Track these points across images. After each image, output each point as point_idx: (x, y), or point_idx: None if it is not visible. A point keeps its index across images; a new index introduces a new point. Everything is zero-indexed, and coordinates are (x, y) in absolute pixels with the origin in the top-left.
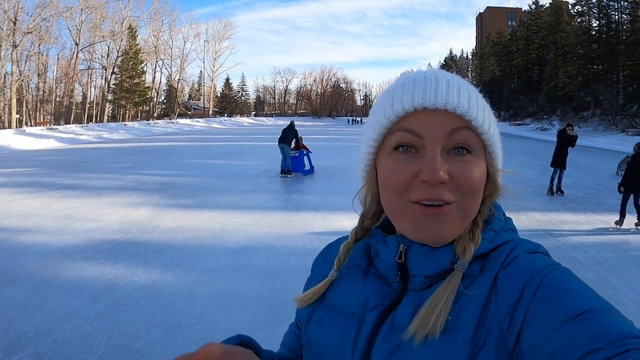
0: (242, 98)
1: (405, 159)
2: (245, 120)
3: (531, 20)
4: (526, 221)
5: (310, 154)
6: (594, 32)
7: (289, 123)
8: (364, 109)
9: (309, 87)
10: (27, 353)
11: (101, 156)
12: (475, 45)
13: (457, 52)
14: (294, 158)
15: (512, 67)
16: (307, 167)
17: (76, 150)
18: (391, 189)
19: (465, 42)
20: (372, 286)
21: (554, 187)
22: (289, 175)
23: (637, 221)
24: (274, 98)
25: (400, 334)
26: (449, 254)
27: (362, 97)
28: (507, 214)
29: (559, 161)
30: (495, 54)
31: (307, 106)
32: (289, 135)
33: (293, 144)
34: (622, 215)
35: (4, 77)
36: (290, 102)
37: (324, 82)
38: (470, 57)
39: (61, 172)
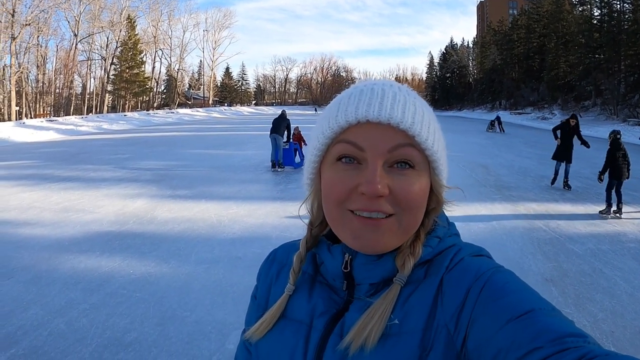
0: (243, 87)
1: (347, 170)
2: (245, 109)
3: (532, 9)
4: (523, 211)
5: (304, 145)
6: (595, 21)
7: (279, 112)
8: None
9: (309, 75)
10: (23, 347)
11: (100, 147)
12: (476, 34)
13: (458, 41)
14: (285, 151)
15: (513, 56)
16: (298, 159)
17: (75, 142)
18: (331, 199)
19: (466, 30)
20: (320, 293)
21: (560, 181)
22: (279, 170)
23: (614, 209)
24: (275, 87)
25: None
26: (393, 262)
27: None
28: (505, 204)
29: (564, 154)
30: (496, 42)
31: (307, 95)
32: (281, 125)
33: (285, 135)
34: (609, 204)
35: (3, 69)
36: (291, 91)
37: (324, 70)
38: (471, 45)
39: (60, 164)
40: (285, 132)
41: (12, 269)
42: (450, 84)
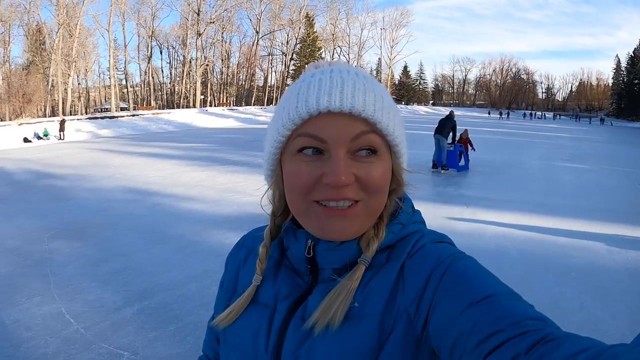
0: (420, 86)
1: (310, 162)
2: (422, 108)
3: None
4: None
5: (471, 149)
6: None
7: (447, 113)
8: (546, 103)
9: (488, 77)
10: (156, 300)
11: None
12: None
13: None
14: (449, 152)
15: None
16: (462, 162)
17: (252, 130)
18: (295, 191)
19: None
20: (284, 277)
21: None
22: (442, 171)
23: None
24: (453, 87)
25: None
26: (355, 247)
27: (543, 90)
28: (619, 226)
29: None
30: None
31: (486, 97)
32: (446, 126)
33: (450, 137)
34: None
35: (190, 62)
36: (469, 92)
37: (503, 72)
38: None
39: (232, 149)
40: (451, 134)
41: (168, 236)
42: (638, 91)
